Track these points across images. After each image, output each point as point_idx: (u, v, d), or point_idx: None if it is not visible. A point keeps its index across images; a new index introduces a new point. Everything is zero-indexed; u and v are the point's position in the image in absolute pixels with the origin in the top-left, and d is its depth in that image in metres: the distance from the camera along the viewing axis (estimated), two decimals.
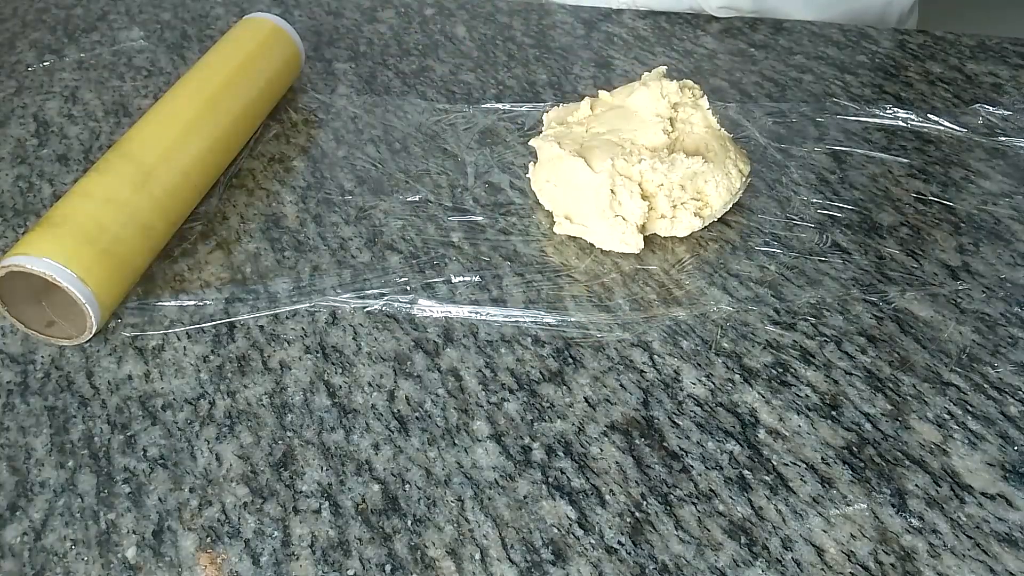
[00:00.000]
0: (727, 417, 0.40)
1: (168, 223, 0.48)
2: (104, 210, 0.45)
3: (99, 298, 0.42)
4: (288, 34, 0.59)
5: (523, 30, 0.68)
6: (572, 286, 0.47)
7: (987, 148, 0.55)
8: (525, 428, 0.40)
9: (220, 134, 0.52)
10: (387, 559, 0.36)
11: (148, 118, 0.51)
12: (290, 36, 0.59)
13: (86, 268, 0.42)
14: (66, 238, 0.43)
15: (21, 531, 0.37)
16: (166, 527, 0.37)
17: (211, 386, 0.43)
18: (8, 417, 0.42)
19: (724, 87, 0.61)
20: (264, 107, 0.58)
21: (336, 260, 0.49)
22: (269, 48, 0.58)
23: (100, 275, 0.43)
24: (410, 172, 0.55)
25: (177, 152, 0.49)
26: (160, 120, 0.51)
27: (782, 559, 0.35)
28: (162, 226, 0.47)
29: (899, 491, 0.37)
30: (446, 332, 0.45)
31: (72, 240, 0.43)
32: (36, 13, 0.73)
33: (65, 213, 0.44)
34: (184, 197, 0.49)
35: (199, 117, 0.51)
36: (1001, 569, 0.35)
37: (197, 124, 0.51)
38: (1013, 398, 0.41)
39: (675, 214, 0.49)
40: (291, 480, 0.38)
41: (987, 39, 0.65)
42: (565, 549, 0.36)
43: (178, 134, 0.50)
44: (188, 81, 0.54)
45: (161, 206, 0.47)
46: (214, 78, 0.54)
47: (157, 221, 0.47)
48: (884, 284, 0.46)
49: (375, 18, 0.71)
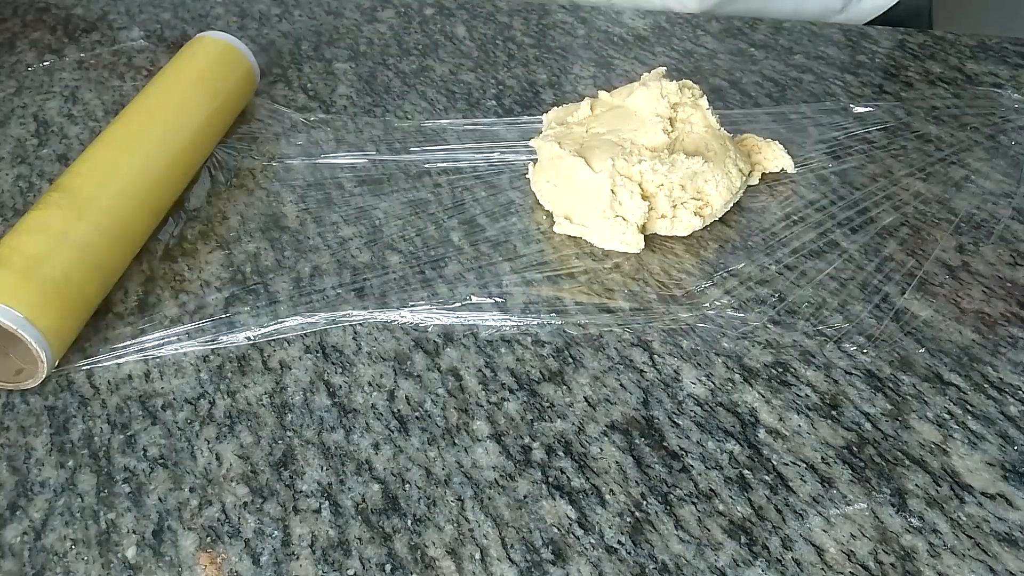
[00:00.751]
0: (727, 417, 0.40)
1: (113, 245, 0.46)
2: (40, 242, 0.43)
3: (48, 336, 0.41)
4: (239, 51, 0.57)
5: (523, 30, 0.68)
6: (572, 286, 0.47)
7: (987, 148, 0.55)
8: (525, 428, 0.40)
9: (164, 155, 0.50)
10: (387, 559, 0.36)
11: (89, 148, 0.49)
12: (242, 53, 0.57)
13: (30, 305, 0.40)
14: (7, 277, 0.41)
15: (21, 531, 0.37)
16: (166, 527, 0.37)
17: (211, 386, 0.43)
18: (8, 417, 0.42)
19: (724, 87, 0.61)
20: (216, 126, 0.55)
21: (336, 260, 0.49)
22: (219, 67, 0.56)
23: (46, 310, 0.41)
24: (410, 172, 0.55)
25: (114, 177, 0.47)
26: (97, 147, 0.49)
27: (782, 559, 0.35)
28: (103, 245, 0.45)
29: (899, 491, 0.37)
30: (446, 332, 0.45)
31: (13, 277, 0.41)
32: (36, 13, 0.73)
33: (1, 253, 0.42)
34: (128, 217, 0.47)
35: (138, 140, 0.50)
36: (1001, 569, 0.35)
37: (135, 147, 0.49)
38: (1013, 398, 0.41)
39: (675, 214, 0.49)
40: (291, 480, 0.38)
41: (987, 39, 0.65)
42: (565, 549, 0.36)
43: (113, 159, 0.48)
44: (131, 106, 0.52)
45: (102, 229, 0.45)
46: (155, 101, 0.53)
47: (98, 242, 0.45)
48: (884, 284, 0.46)
49: (375, 18, 0.71)
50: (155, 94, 0.54)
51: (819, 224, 0.50)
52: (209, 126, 0.54)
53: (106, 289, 0.46)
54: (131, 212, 0.47)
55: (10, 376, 0.42)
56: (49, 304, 0.41)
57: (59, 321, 0.42)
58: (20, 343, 0.41)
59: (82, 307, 0.44)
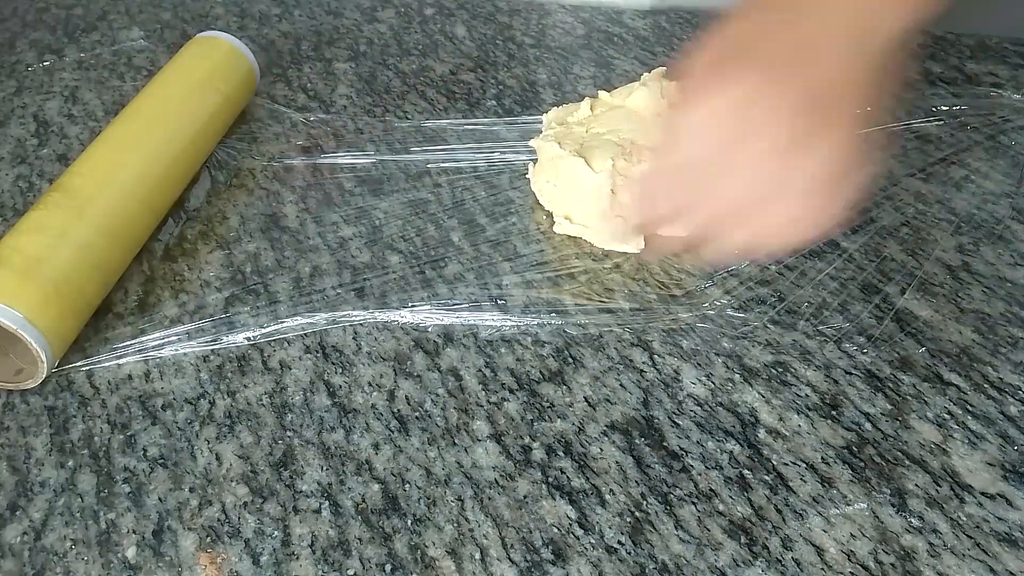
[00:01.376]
0: (727, 417, 0.40)
1: (113, 245, 0.46)
2: (40, 242, 0.43)
3: (48, 336, 0.41)
4: (240, 51, 0.57)
5: (523, 30, 0.68)
6: (572, 286, 0.47)
7: (987, 148, 0.55)
8: (525, 428, 0.40)
9: (164, 156, 0.50)
10: (387, 559, 0.36)
11: (89, 148, 0.49)
12: (242, 53, 0.57)
13: (30, 306, 0.40)
14: (7, 277, 0.41)
15: (21, 531, 0.37)
16: (166, 527, 0.37)
17: (211, 386, 0.43)
18: (8, 417, 0.42)
19: None
20: (216, 126, 0.55)
21: (336, 260, 0.49)
22: (220, 68, 0.56)
23: (47, 310, 0.41)
24: (410, 172, 0.55)
25: (113, 176, 0.47)
26: (98, 147, 0.49)
27: (782, 559, 0.35)
28: (103, 245, 0.45)
29: (899, 491, 0.37)
30: (446, 332, 0.45)
31: (13, 278, 0.41)
32: (36, 13, 0.73)
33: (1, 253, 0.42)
34: (128, 217, 0.47)
35: (138, 140, 0.50)
36: (1001, 569, 0.35)
37: (135, 147, 0.49)
38: (1013, 398, 0.41)
39: None
40: (291, 480, 0.38)
41: (987, 39, 0.65)
42: (565, 549, 0.36)
43: (114, 159, 0.48)
44: (130, 106, 0.52)
45: (102, 230, 0.45)
46: (155, 101, 0.53)
47: (98, 243, 0.45)
48: (884, 284, 0.46)
49: (375, 18, 0.71)
50: (155, 94, 0.54)
51: None
52: (209, 126, 0.54)
53: (106, 289, 0.46)
54: (131, 212, 0.47)
55: (10, 376, 0.42)
56: (49, 304, 0.41)
57: (59, 321, 0.42)
58: (20, 343, 0.41)
59: (82, 307, 0.44)
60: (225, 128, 0.57)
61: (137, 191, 0.48)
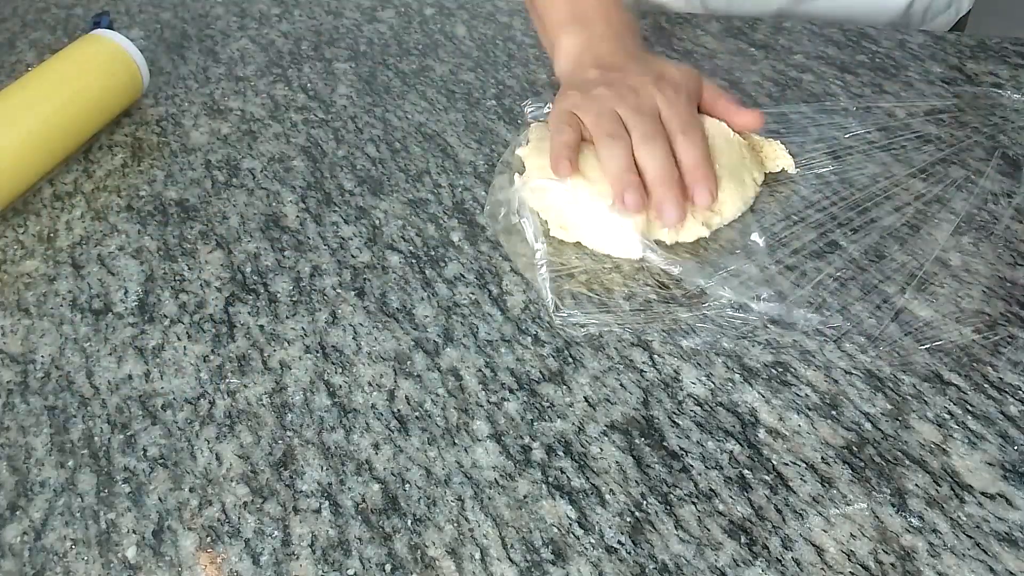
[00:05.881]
0: (727, 417, 0.40)
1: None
2: None
3: None
4: (126, 51, 0.59)
5: (523, 30, 0.68)
6: (572, 286, 0.47)
7: (987, 148, 0.55)
8: (525, 428, 0.40)
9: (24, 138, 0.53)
10: (387, 559, 0.36)
11: None
12: (128, 53, 0.59)
13: None
14: None
15: (21, 531, 0.37)
16: (166, 527, 0.37)
17: (211, 386, 0.43)
18: (8, 417, 0.42)
19: (724, 87, 0.61)
20: (88, 120, 0.57)
21: (336, 260, 0.49)
22: (102, 66, 0.58)
23: None
24: (410, 172, 0.55)
25: None
26: None
27: (782, 559, 0.35)
28: None
29: (899, 491, 0.37)
30: (446, 332, 0.45)
31: None
32: (36, 13, 0.73)
33: None
34: None
35: None
36: (1001, 569, 0.35)
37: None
38: (1013, 398, 0.41)
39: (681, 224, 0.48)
40: (291, 480, 0.38)
41: (987, 39, 0.65)
42: (565, 549, 0.36)
43: None
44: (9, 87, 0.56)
45: None
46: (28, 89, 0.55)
47: None
48: (884, 284, 0.46)
49: (375, 18, 0.71)
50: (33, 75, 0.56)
51: (819, 224, 0.50)
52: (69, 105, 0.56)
53: None
54: None
55: None
56: None
57: None
58: None
59: None
60: (95, 124, 0.58)
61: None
